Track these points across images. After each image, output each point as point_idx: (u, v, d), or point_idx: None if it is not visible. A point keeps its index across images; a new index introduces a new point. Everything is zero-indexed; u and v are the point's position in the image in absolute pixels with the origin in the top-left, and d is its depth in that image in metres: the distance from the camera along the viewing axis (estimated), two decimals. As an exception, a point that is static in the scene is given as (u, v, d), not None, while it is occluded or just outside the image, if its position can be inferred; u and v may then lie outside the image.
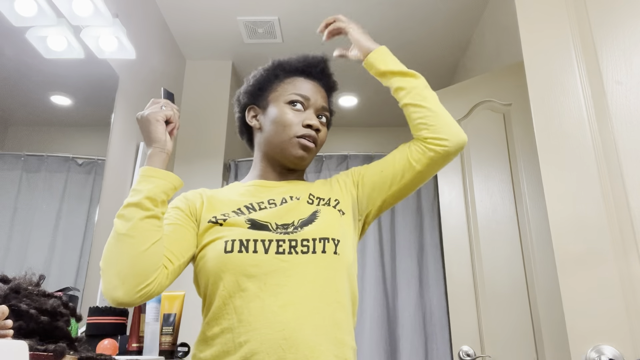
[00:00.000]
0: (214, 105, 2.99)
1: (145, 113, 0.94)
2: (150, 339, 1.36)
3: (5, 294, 0.71)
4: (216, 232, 0.92)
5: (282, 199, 1.00)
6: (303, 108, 1.02)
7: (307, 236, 0.90)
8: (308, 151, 1.01)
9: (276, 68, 1.07)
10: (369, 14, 2.63)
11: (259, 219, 0.93)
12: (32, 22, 1.50)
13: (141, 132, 0.95)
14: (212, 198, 1.01)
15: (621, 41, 1.12)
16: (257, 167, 1.09)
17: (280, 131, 1.01)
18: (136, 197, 0.86)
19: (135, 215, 0.84)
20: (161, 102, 0.98)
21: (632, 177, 1.04)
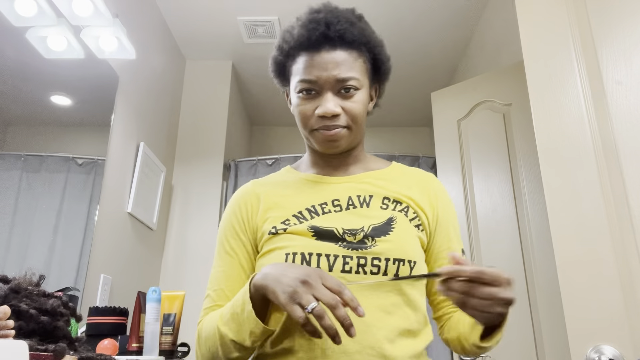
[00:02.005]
0: (214, 105, 2.99)
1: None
2: (150, 339, 1.36)
3: (5, 294, 0.71)
4: (277, 241, 0.83)
5: (349, 199, 0.88)
6: (318, 92, 0.85)
7: (380, 254, 0.79)
8: (334, 141, 0.86)
9: (281, 49, 0.91)
10: (368, 14, 2.62)
11: (323, 225, 0.83)
12: (32, 22, 1.50)
13: (274, 281, 0.71)
14: (267, 197, 0.91)
15: (621, 41, 1.12)
16: (309, 154, 0.97)
17: (300, 124, 0.89)
18: (240, 336, 0.74)
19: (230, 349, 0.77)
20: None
21: (632, 177, 1.04)
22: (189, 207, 2.78)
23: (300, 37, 0.86)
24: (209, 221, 2.76)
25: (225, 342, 0.76)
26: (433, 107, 2.33)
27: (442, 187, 0.96)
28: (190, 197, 2.80)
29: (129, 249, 2.23)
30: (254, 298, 0.73)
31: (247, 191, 0.93)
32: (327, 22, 0.85)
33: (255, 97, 3.54)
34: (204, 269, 2.67)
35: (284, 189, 0.92)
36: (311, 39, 0.85)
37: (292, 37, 0.88)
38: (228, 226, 0.91)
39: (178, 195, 2.81)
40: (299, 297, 0.66)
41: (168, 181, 2.76)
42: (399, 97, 3.49)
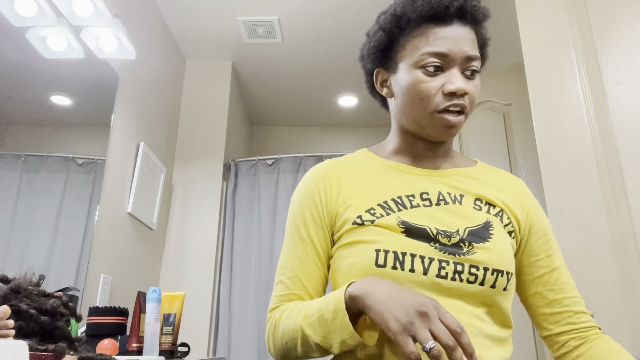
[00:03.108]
0: (214, 105, 2.99)
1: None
2: (150, 339, 1.36)
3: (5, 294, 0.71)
4: (363, 233, 0.76)
5: (439, 194, 0.81)
6: (442, 69, 0.78)
7: (479, 263, 0.73)
8: (455, 127, 0.79)
9: (395, 20, 0.81)
10: (368, 14, 2.63)
11: (415, 222, 0.76)
12: (32, 22, 1.50)
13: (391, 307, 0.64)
14: (349, 181, 0.84)
15: (621, 41, 1.12)
16: (395, 139, 0.89)
17: (417, 104, 0.79)
18: (328, 342, 0.70)
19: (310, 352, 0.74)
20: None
21: (632, 177, 1.04)
22: (189, 207, 2.78)
23: (425, 7, 0.78)
24: (209, 221, 2.76)
25: (307, 342, 0.72)
26: (433, 107, 2.33)
27: (532, 195, 0.90)
28: (190, 197, 2.80)
29: (129, 249, 2.23)
30: (348, 308, 0.67)
31: (326, 172, 0.85)
32: (463, 5, 0.79)
33: (255, 97, 3.54)
34: (204, 269, 2.67)
35: (365, 174, 0.85)
36: (442, 10, 0.78)
37: (412, 8, 0.79)
38: (305, 209, 0.83)
39: (178, 195, 2.81)
40: (415, 330, 0.59)
41: (168, 181, 2.76)
42: (399, 97, 3.49)
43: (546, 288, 0.82)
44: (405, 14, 0.80)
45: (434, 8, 0.78)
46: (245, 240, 2.83)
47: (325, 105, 3.63)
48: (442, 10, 0.78)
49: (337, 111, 3.72)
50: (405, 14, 0.80)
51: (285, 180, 2.91)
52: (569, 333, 0.80)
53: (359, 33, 2.78)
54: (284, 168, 2.94)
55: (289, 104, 3.63)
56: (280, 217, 2.83)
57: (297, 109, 3.71)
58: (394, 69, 0.84)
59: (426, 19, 0.79)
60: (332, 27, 2.74)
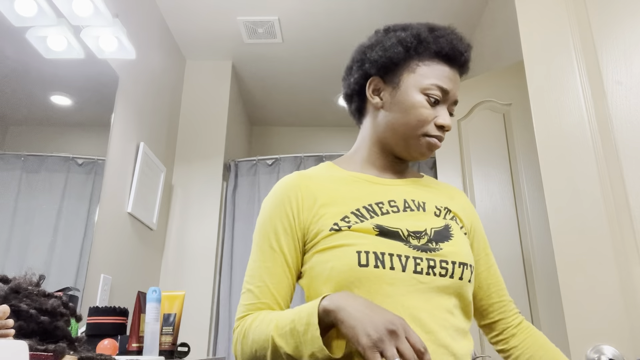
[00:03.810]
0: (214, 105, 2.99)
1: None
2: (150, 339, 1.36)
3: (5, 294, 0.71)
4: (340, 238, 0.80)
5: (404, 201, 0.87)
6: (438, 102, 0.87)
7: (447, 257, 0.81)
8: (432, 151, 0.89)
9: (417, 42, 0.88)
10: (368, 14, 2.63)
11: (387, 225, 0.82)
12: (32, 22, 1.50)
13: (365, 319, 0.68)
14: (321, 192, 0.87)
15: (621, 41, 1.12)
16: (365, 149, 0.94)
17: (411, 124, 0.86)
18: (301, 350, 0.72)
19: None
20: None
21: (632, 177, 1.04)
22: (189, 207, 2.78)
23: (446, 47, 0.87)
24: (209, 221, 2.76)
25: (278, 353, 0.74)
26: (433, 107, 2.33)
27: (470, 202, 1.01)
28: (190, 197, 2.80)
29: (129, 249, 2.23)
30: (321, 321, 0.70)
31: (297, 183, 0.88)
32: (468, 49, 0.90)
33: (255, 97, 3.54)
34: (204, 269, 2.67)
35: (335, 186, 0.89)
36: (456, 55, 0.88)
37: (435, 40, 0.87)
38: (276, 219, 0.85)
39: (178, 195, 2.81)
40: (383, 347, 0.63)
41: (168, 181, 2.76)
42: (399, 97, 3.49)
43: (487, 282, 0.94)
44: (427, 42, 0.87)
45: (452, 50, 0.87)
46: (245, 240, 2.83)
47: (325, 105, 3.63)
48: (456, 56, 0.88)
49: (337, 111, 3.73)
50: (428, 43, 0.87)
51: (285, 180, 2.91)
52: (504, 321, 0.93)
53: (358, 33, 2.78)
54: (284, 168, 2.94)
55: (289, 104, 3.63)
56: (280, 217, 2.83)
57: (297, 109, 3.71)
58: (395, 84, 0.88)
59: (440, 56, 0.87)
60: (332, 27, 2.74)
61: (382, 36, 0.91)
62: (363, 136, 0.95)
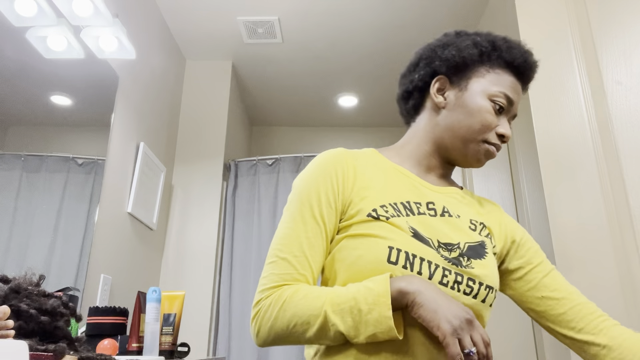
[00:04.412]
0: (214, 105, 3.00)
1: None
2: (150, 339, 1.36)
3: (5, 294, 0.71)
4: (375, 227, 0.78)
5: (443, 208, 0.86)
6: (501, 111, 0.87)
7: (475, 277, 0.78)
8: (488, 160, 0.89)
9: (491, 49, 0.88)
10: (368, 14, 2.63)
11: (421, 230, 0.80)
12: (32, 22, 1.50)
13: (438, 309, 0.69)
14: (363, 174, 0.85)
15: (621, 41, 1.12)
16: (414, 146, 0.92)
17: (474, 127, 0.85)
18: (358, 331, 0.70)
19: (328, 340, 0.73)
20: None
21: (632, 177, 1.04)
22: (189, 207, 2.78)
23: (519, 59, 0.88)
24: (209, 221, 2.76)
25: (327, 329, 0.71)
26: (433, 107, 2.33)
27: (507, 214, 0.98)
28: (190, 197, 2.80)
29: (129, 249, 2.23)
30: (392, 303, 0.70)
31: (344, 159, 0.85)
32: (536, 67, 0.91)
33: (255, 97, 3.54)
34: (204, 269, 2.67)
35: (377, 172, 0.87)
36: (526, 69, 0.89)
37: (508, 50, 0.88)
38: (321, 189, 0.81)
39: (178, 195, 2.81)
40: (462, 334, 0.66)
41: (168, 181, 2.76)
42: (399, 97, 3.49)
43: (550, 289, 0.86)
44: (501, 50, 0.87)
45: (524, 63, 0.88)
46: (245, 240, 2.83)
47: (325, 105, 3.63)
48: (525, 70, 0.89)
49: (337, 111, 3.73)
50: (501, 51, 0.87)
51: (285, 180, 2.91)
52: (592, 331, 0.82)
53: (359, 33, 2.78)
54: (284, 168, 2.94)
55: (289, 104, 3.63)
56: (280, 217, 2.83)
57: (297, 109, 3.71)
58: (462, 86, 0.88)
59: (511, 66, 0.88)
60: (332, 27, 2.74)
61: (454, 38, 0.91)
62: (415, 133, 0.93)
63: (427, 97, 0.92)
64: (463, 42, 0.88)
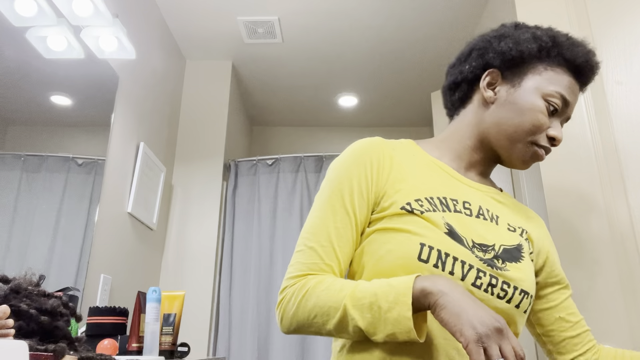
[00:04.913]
0: (214, 105, 3.00)
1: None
2: (150, 339, 1.36)
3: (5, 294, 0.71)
4: (408, 221, 0.74)
5: (479, 208, 0.82)
6: (554, 113, 0.82)
7: (510, 281, 0.74)
8: (534, 162, 0.85)
9: (552, 44, 0.82)
10: (368, 14, 2.63)
11: (457, 228, 0.76)
12: (32, 22, 1.50)
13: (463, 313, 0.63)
14: (399, 165, 0.81)
15: (621, 41, 1.12)
16: (456, 141, 0.88)
17: (524, 126, 0.80)
18: (377, 329, 0.66)
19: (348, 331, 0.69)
20: None
21: (632, 177, 1.04)
22: (189, 207, 2.78)
23: (580, 59, 0.82)
24: (209, 221, 2.76)
25: (346, 323, 0.68)
26: (433, 107, 2.33)
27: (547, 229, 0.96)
28: (190, 197, 2.81)
29: (129, 249, 2.23)
30: (413, 303, 0.65)
31: (380, 148, 0.81)
32: (598, 68, 0.86)
33: (255, 97, 3.54)
34: (204, 269, 2.67)
35: (414, 164, 0.83)
36: (586, 71, 0.84)
37: (570, 49, 0.82)
38: (354, 179, 0.78)
39: (178, 195, 2.81)
40: (488, 343, 0.59)
41: (168, 181, 2.76)
42: (399, 97, 3.49)
43: (567, 312, 0.86)
44: (562, 47, 0.82)
45: (585, 63, 0.82)
46: (245, 240, 2.83)
47: (325, 105, 3.63)
48: (586, 70, 0.83)
49: (337, 111, 3.73)
50: (562, 48, 0.82)
51: (285, 180, 2.91)
52: (588, 353, 0.85)
53: (359, 33, 2.78)
54: (284, 168, 2.94)
55: (289, 104, 3.63)
56: (280, 217, 2.83)
57: (297, 109, 3.71)
58: (516, 82, 0.83)
59: (571, 65, 0.82)
60: (332, 27, 2.74)
61: (512, 29, 0.85)
62: (458, 127, 0.88)
63: (476, 90, 0.87)
64: (522, 35, 0.83)
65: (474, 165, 0.88)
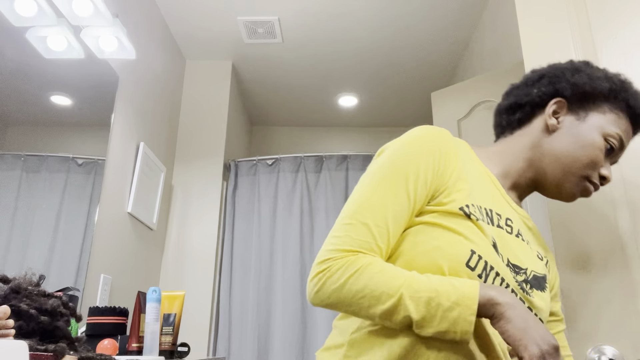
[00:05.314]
0: (214, 105, 3.00)
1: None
2: (150, 339, 1.36)
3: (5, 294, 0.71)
4: (462, 225, 0.74)
5: (518, 230, 0.83)
6: (609, 153, 0.85)
7: (534, 308, 0.76)
8: (581, 197, 0.87)
9: (620, 88, 0.86)
10: (368, 14, 2.63)
11: (498, 243, 0.77)
12: (32, 22, 1.50)
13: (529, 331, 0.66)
14: (462, 165, 0.80)
15: (621, 41, 1.12)
16: (508, 159, 0.89)
17: (580, 160, 0.83)
18: (430, 326, 0.67)
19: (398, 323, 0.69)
20: None
21: (632, 177, 1.04)
22: (189, 207, 2.78)
23: (638, 108, 0.86)
24: (209, 221, 2.76)
25: (397, 312, 0.67)
26: (433, 107, 2.33)
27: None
28: (190, 197, 2.81)
29: (129, 249, 2.23)
30: (478, 310, 0.67)
31: (449, 141, 0.80)
32: None
33: (255, 97, 3.54)
34: (204, 269, 2.67)
35: (471, 168, 0.83)
36: None
37: (632, 95, 0.86)
38: (422, 164, 0.76)
39: (178, 195, 2.81)
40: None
41: (168, 181, 2.76)
42: (399, 97, 3.49)
43: (561, 345, 0.88)
44: (628, 93, 0.85)
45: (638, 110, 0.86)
46: (245, 240, 2.83)
47: (325, 105, 3.63)
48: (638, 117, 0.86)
49: (337, 111, 3.73)
50: (628, 94, 0.85)
51: (285, 180, 2.91)
52: None
53: (359, 33, 2.78)
54: (284, 168, 2.95)
55: (289, 104, 3.63)
56: (280, 217, 2.83)
57: (297, 109, 3.71)
58: (581, 117, 0.85)
59: (632, 114, 0.86)
60: (332, 27, 2.74)
61: (584, 65, 0.88)
62: (512, 147, 0.89)
63: (538, 115, 0.88)
64: (595, 72, 0.86)
65: (516, 187, 0.89)
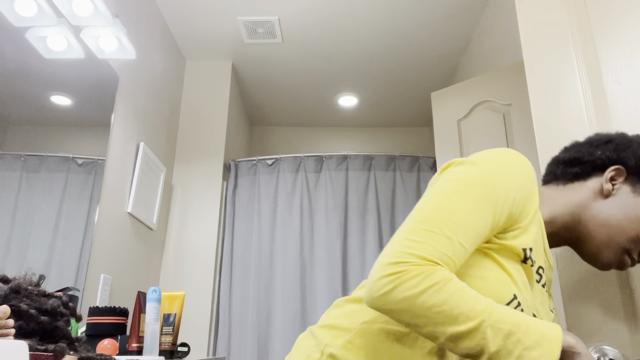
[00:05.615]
0: (214, 105, 3.00)
1: None
2: (150, 339, 1.36)
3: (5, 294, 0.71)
4: (516, 267, 0.75)
5: (545, 281, 0.83)
6: None
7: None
8: (614, 269, 0.88)
9: None
10: (368, 14, 2.63)
11: (533, 292, 0.78)
12: (32, 22, 1.50)
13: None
14: (536, 213, 0.80)
15: (621, 41, 1.12)
16: (555, 209, 0.88)
17: (627, 232, 0.83)
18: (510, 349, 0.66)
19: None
20: None
21: (632, 177, 1.04)
22: (189, 207, 2.78)
23: None
24: (209, 221, 2.76)
25: (471, 336, 0.66)
26: (433, 107, 2.33)
27: None
28: (190, 197, 2.81)
29: (129, 249, 2.23)
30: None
31: (535, 178, 0.80)
32: None
33: (255, 97, 3.54)
34: (204, 269, 2.67)
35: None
36: None
37: None
38: (514, 189, 0.75)
39: (178, 195, 2.81)
40: None
41: (168, 181, 2.76)
42: (399, 97, 3.49)
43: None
44: None
45: None
46: (245, 240, 2.83)
47: (325, 105, 3.63)
48: None
49: (337, 111, 3.73)
50: None
51: (285, 180, 2.91)
52: None
53: (358, 33, 2.78)
54: (284, 168, 2.95)
55: (289, 104, 3.63)
56: (280, 217, 2.83)
57: (297, 109, 3.71)
58: (637, 189, 0.86)
59: None
60: (332, 27, 2.74)
61: None
62: (563, 199, 0.89)
63: (594, 176, 0.88)
64: None
65: (552, 237, 0.89)
